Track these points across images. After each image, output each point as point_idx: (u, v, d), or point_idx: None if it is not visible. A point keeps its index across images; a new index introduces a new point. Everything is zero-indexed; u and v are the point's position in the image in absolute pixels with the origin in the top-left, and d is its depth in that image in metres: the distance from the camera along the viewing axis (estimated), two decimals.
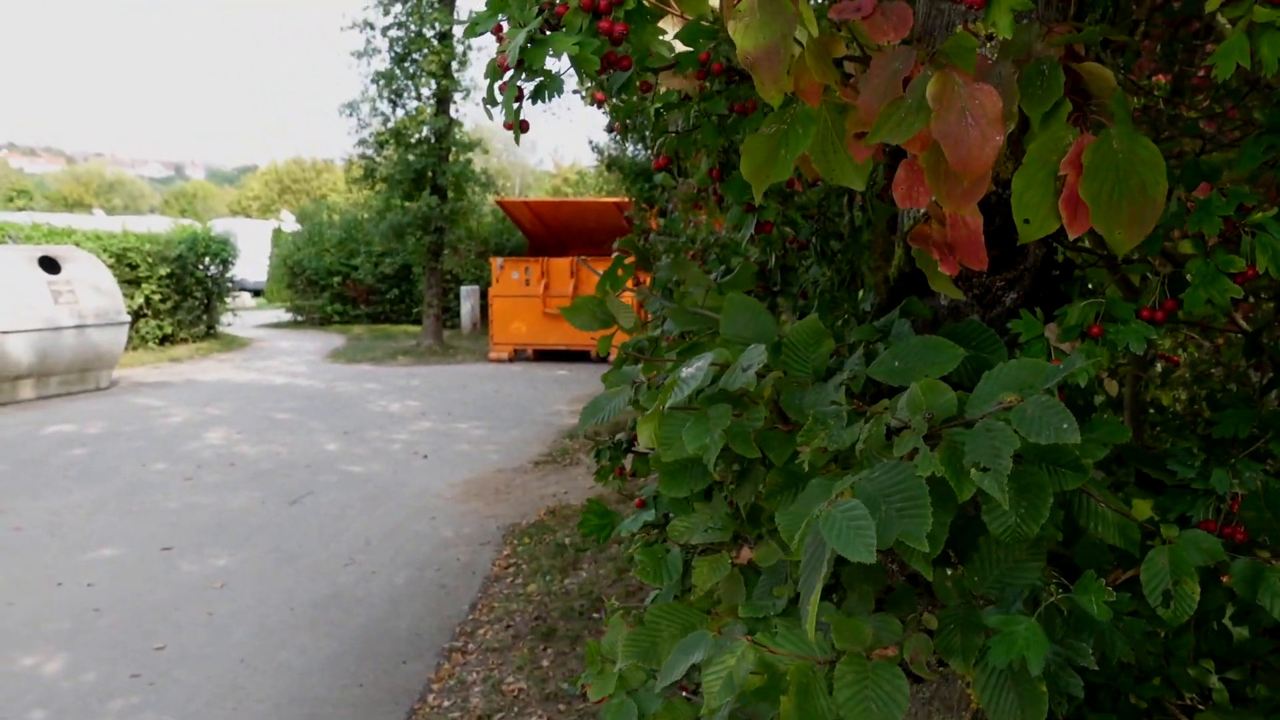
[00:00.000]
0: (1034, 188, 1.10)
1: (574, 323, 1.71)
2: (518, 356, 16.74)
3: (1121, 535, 1.19)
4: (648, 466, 2.39)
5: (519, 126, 1.22)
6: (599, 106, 1.72)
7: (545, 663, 4.67)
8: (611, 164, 14.29)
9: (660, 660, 1.30)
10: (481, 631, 5.08)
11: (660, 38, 1.25)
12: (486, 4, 1.27)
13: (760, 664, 1.05)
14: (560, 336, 16.21)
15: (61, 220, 20.61)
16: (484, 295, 20.38)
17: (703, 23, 1.38)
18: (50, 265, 12.09)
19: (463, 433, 10.16)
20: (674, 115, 1.82)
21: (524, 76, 1.17)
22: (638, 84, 1.54)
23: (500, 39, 1.24)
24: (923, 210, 1.26)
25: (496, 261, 16.56)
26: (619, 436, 2.54)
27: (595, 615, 5.19)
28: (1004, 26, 1.02)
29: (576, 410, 11.54)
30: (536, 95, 1.21)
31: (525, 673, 4.56)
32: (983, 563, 1.17)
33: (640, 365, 1.62)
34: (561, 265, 16.13)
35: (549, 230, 19.07)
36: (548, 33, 1.18)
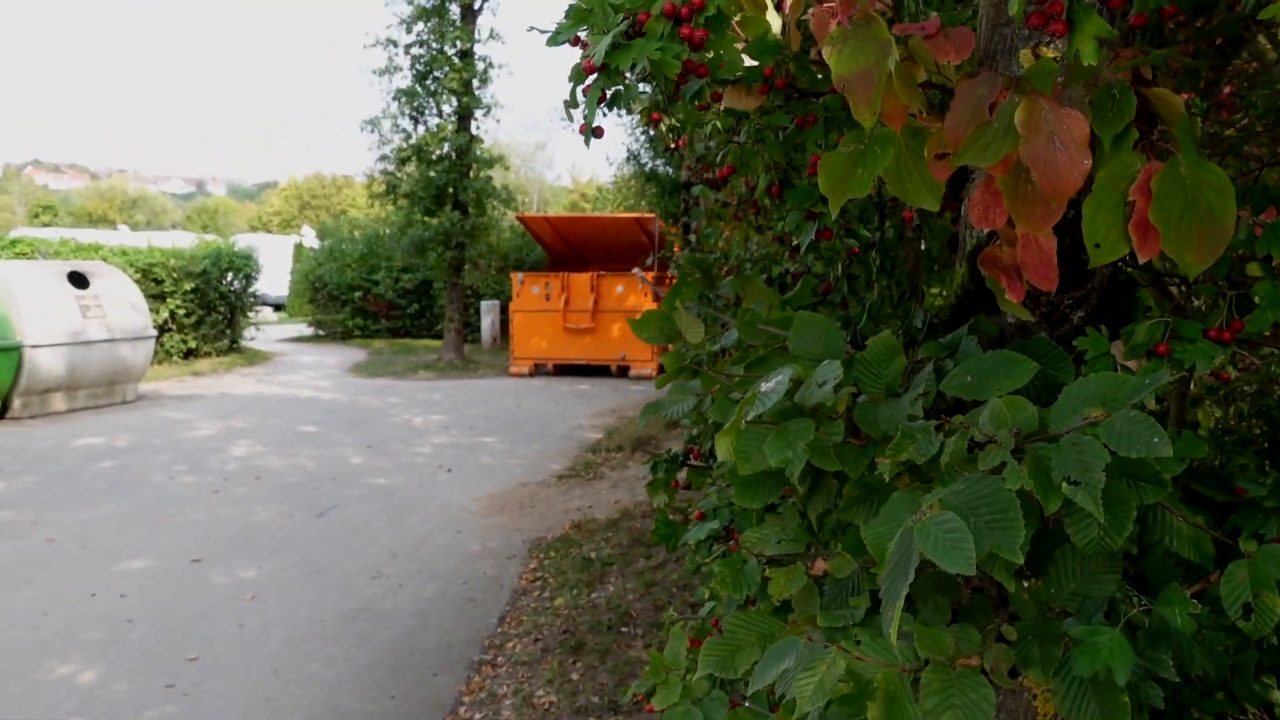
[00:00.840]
0: (1104, 213, 1.13)
1: (641, 336, 1.75)
2: (538, 371, 16.81)
3: (1195, 549, 1.22)
4: (703, 479, 2.42)
5: (591, 131, 1.26)
6: (654, 126, 1.76)
7: (575, 676, 4.68)
8: (649, 178, 14.49)
9: (738, 668, 1.33)
10: (510, 645, 5.09)
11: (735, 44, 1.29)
12: (567, 14, 1.32)
13: (845, 672, 1.07)
14: (581, 351, 16.28)
15: (88, 236, 20.89)
16: (504, 310, 20.51)
17: (766, 38, 1.42)
18: (79, 280, 12.25)
19: (485, 446, 10.21)
20: (729, 126, 1.86)
21: (606, 81, 1.21)
22: (709, 94, 1.58)
23: (584, 47, 1.28)
24: (986, 230, 1.29)
25: (517, 276, 16.67)
26: (672, 450, 2.57)
27: (623, 629, 5.20)
28: (1088, 53, 1.05)
29: (598, 424, 11.57)
30: (614, 102, 1.26)
31: (555, 686, 4.57)
32: (1059, 575, 1.20)
33: (698, 379, 1.66)
34: (582, 280, 16.20)
35: (569, 245, 19.18)
36: (632, 38, 1.22)
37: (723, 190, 3.18)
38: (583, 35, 1.29)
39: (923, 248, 2.50)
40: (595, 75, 1.23)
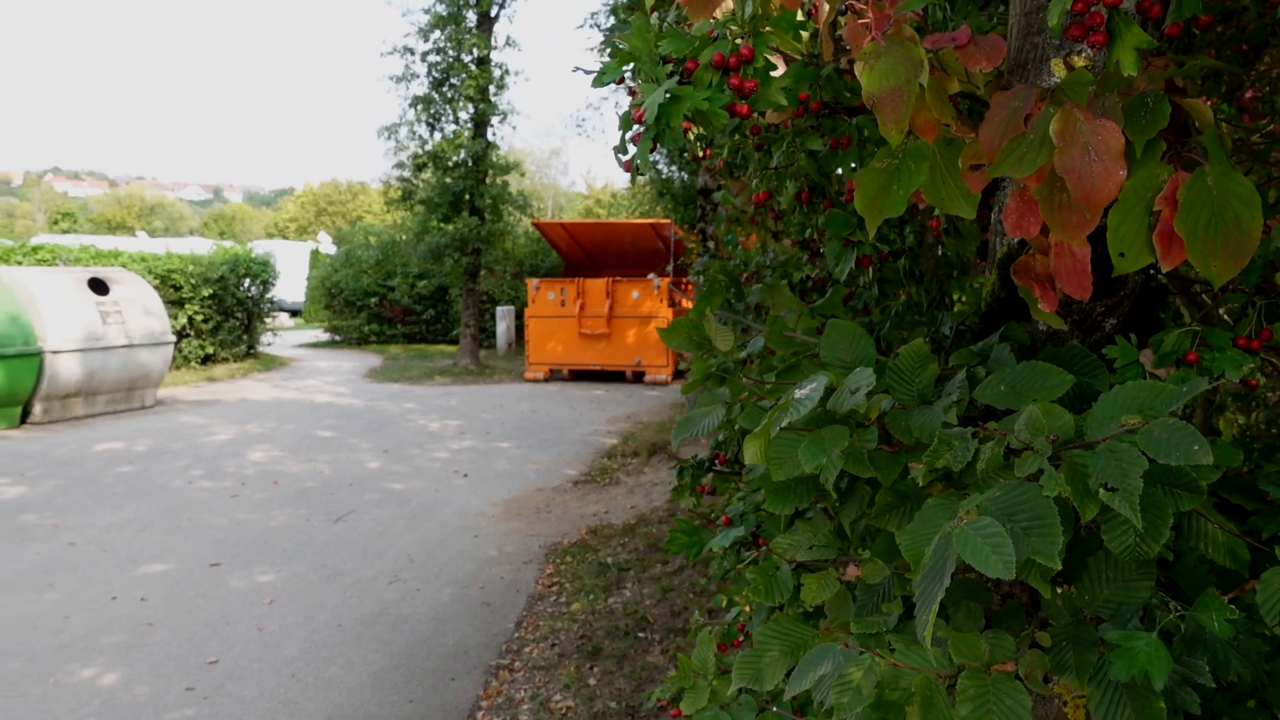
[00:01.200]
0: (1129, 222, 1.14)
1: (670, 344, 1.76)
2: (553, 376, 16.86)
3: (1230, 556, 1.22)
4: (728, 485, 2.43)
5: (635, 171, 1.28)
6: (684, 134, 1.77)
7: (592, 681, 4.69)
8: (666, 186, 14.57)
9: (771, 675, 1.34)
10: (528, 650, 5.10)
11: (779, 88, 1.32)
12: (611, 55, 1.34)
13: (881, 678, 1.08)
14: (595, 356, 16.32)
15: (108, 242, 21.09)
16: (519, 316, 20.59)
17: (804, 65, 1.44)
18: (99, 286, 12.37)
19: (501, 452, 10.24)
20: (769, 150, 1.88)
21: (655, 129, 1.24)
22: (749, 128, 1.61)
23: (632, 92, 1.31)
24: (1017, 239, 1.30)
25: (532, 282, 16.73)
26: (700, 455, 2.58)
27: (640, 634, 5.21)
28: (1128, 64, 1.06)
29: (613, 430, 11.59)
30: (660, 142, 1.28)
31: (572, 691, 4.58)
32: (1092, 581, 1.20)
33: (726, 386, 1.67)
34: (597, 286, 16.25)
35: (584, 251, 19.25)
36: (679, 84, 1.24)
37: (741, 196, 3.20)
38: (628, 79, 1.31)
39: (940, 254, 2.50)
40: (644, 126, 1.25)
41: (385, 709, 4.43)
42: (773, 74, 1.30)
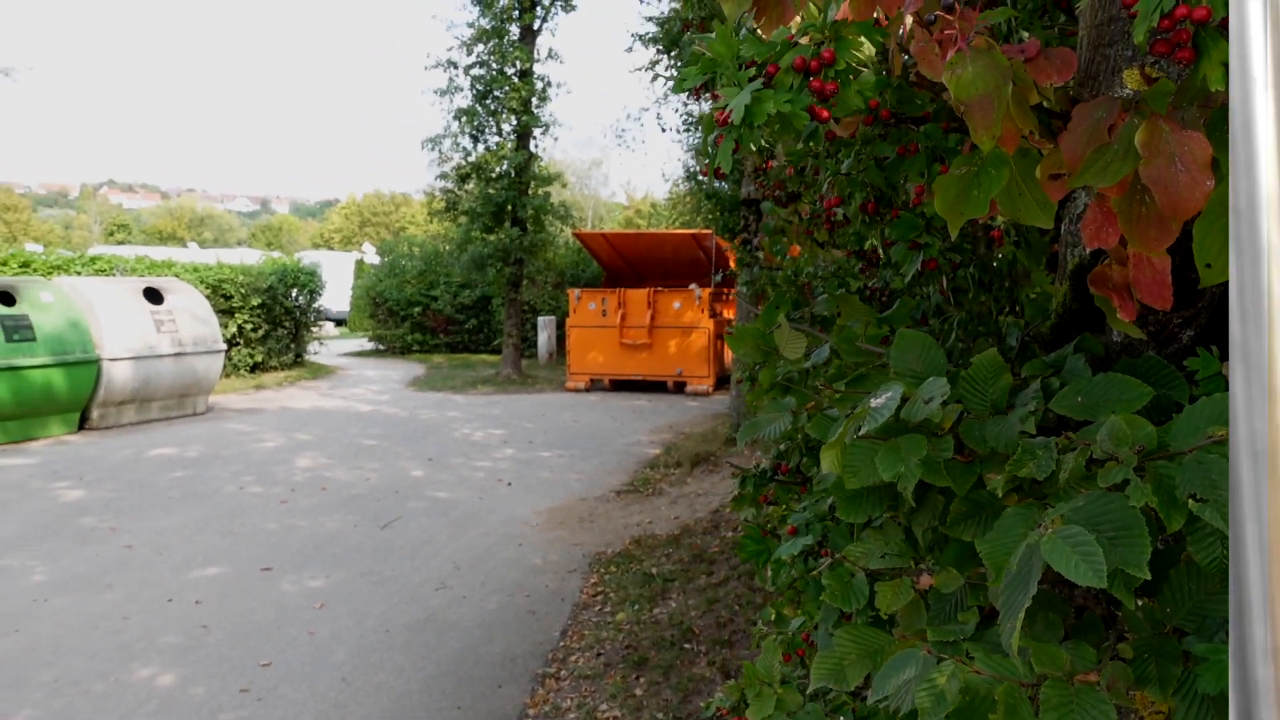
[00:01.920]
0: (1214, 234, 1.14)
1: (738, 352, 1.79)
2: (594, 386, 16.93)
3: None
4: (789, 495, 2.44)
5: (713, 173, 1.32)
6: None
7: (638, 691, 4.69)
8: (709, 195, 14.65)
9: (851, 680, 1.35)
10: (573, 658, 5.12)
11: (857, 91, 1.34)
12: (692, 62, 1.38)
13: (964, 684, 1.09)
14: (637, 366, 16.35)
15: (161, 253, 21.61)
16: (561, 325, 20.72)
17: (877, 74, 1.47)
18: (154, 296, 12.69)
19: (544, 461, 10.29)
20: (838, 156, 1.91)
21: (737, 132, 1.27)
22: (824, 133, 1.63)
23: (714, 96, 1.34)
24: (1089, 250, 1.30)
25: (574, 292, 16.84)
26: (762, 465, 2.59)
27: (686, 645, 5.20)
28: (1215, 79, 1.06)
29: (656, 440, 11.60)
30: (739, 144, 1.31)
31: (619, 701, 4.59)
32: (1174, 594, 1.19)
33: (791, 395, 1.69)
34: (638, 296, 16.30)
35: (625, 261, 19.31)
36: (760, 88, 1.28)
37: (788, 208, 3.21)
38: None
39: (994, 265, 2.49)
40: (729, 127, 1.28)
41: (434, 714, 4.47)
42: (853, 83, 1.32)
